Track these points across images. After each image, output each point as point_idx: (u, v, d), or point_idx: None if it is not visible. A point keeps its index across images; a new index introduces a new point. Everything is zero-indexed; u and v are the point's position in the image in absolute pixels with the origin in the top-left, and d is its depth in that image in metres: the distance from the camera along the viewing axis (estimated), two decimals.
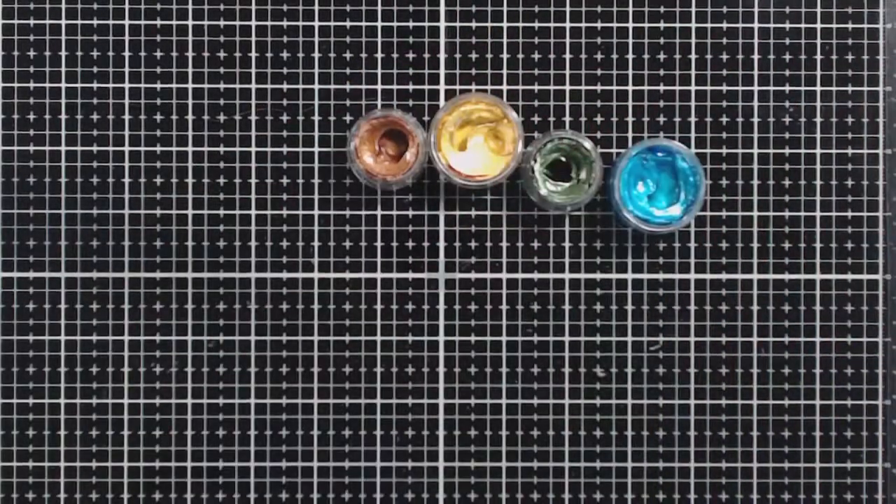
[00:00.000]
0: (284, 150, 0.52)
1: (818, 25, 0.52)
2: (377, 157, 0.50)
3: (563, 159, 0.51)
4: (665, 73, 0.52)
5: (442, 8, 0.52)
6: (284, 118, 0.52)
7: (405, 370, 0.52)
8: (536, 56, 0.52)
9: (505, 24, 0.52)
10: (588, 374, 0.52)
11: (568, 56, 0.52)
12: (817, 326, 0.52)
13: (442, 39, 0.52)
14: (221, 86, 0.52)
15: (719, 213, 0.52)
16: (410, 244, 0.52)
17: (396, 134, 0.50)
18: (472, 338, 0.52)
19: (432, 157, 0.49)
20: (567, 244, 0.52)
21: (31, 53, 0.52)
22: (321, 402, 0.52)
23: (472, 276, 0.52)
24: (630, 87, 0.52)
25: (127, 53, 0.52)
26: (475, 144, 0.50)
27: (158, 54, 0.52)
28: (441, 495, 0.52)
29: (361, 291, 0.52)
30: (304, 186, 0.52)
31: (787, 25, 0.52)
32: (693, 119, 0.52)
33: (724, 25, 0.52)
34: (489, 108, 0.50)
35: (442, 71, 0.52)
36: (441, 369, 0.52)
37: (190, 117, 0.52)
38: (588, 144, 0.50)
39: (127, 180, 0.52)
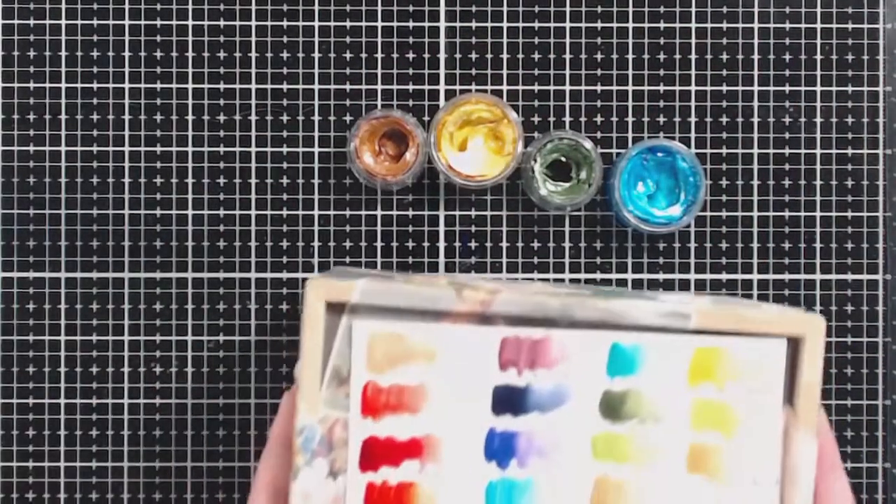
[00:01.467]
0: (284, 150, 0.52)
1: (818, 25, 0.52)
2: (377, 157, 0.50)
3: (564, 159, 0.51)
4: (665, 73, 0.52)
5: (442, 8, 0.52)
6: (284, 118, 0.52)
7: None
8: (536, 56, 0.52)
9: (505, 24, 0.52)
10: None
11: (568, 56, 0.52)
12: None
13: (442, 39, 0.52)
14: (221, 86, 0.52)
15: (719, 213, 0.52)
16: (410, 244, 0.52)
17: (396, 134, 0.50)
18: None
19: (432, 157, 0.49)
20: (567, 244, 0.52)
21: (31, 53, 0.52)
22: None
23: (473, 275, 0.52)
24: (630, 87, 0.52)
25: (127, 53, 0.52)
26: (475, 145, 0.50)
27: (158, 54, 0.52)
28: None
29: None
30: (304, 186, 0.52)
31: (787, 25, 0.52)
32: (693, 119, 0.52)
33: (724, 25, 0.52)
34: (489, 108, 0.50)
35: (442, 71, 0.52)
36: None
37: (190, 117, 0.52)
38: (588, 144, 0.50)
39: (127, 180, 0.52)
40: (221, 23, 0.52)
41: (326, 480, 0.42)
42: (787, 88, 0.52)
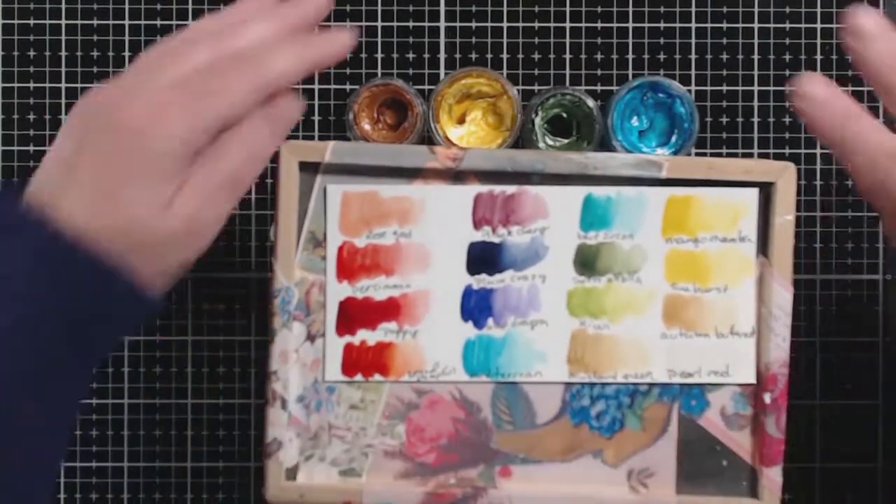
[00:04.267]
0: None
1: (818, 25, 0.52)
2: (375, 125, 0.50)
3: (565, 115, 0.50)
4: (665, 73, 0.52)
5: (442, 8, 0.52)
6: None
7: None
8: (537, 56, 0.52)
9: (505, 25, 0.52)
10: None
11: (568, 56, 0.52)
12: (817, 326, 0.52)
13: (442, 39, 0.52)
14: None
15: None
16: None
17: (396, 103, 0.50)
18: None
19: (430, 129, 0.49)
20: None
21: (31, 53, 0.52)
22: None
23: None
24: None
25: (127, 53, 0.52)
26: (473, 119, 0.50)
27: None
28: None
29: None
30: None
31: (787, 25, 0.52)
32: None
33: (724, 25, 0.52)
34: (489, 83, 0.49)
35: (442, 71, 0.52)
36: None
37: None
38: (591, 102, 0.49)
39: None
40: None
41: (305, 343, 0.42)
42: (787, 88, 0.52)
